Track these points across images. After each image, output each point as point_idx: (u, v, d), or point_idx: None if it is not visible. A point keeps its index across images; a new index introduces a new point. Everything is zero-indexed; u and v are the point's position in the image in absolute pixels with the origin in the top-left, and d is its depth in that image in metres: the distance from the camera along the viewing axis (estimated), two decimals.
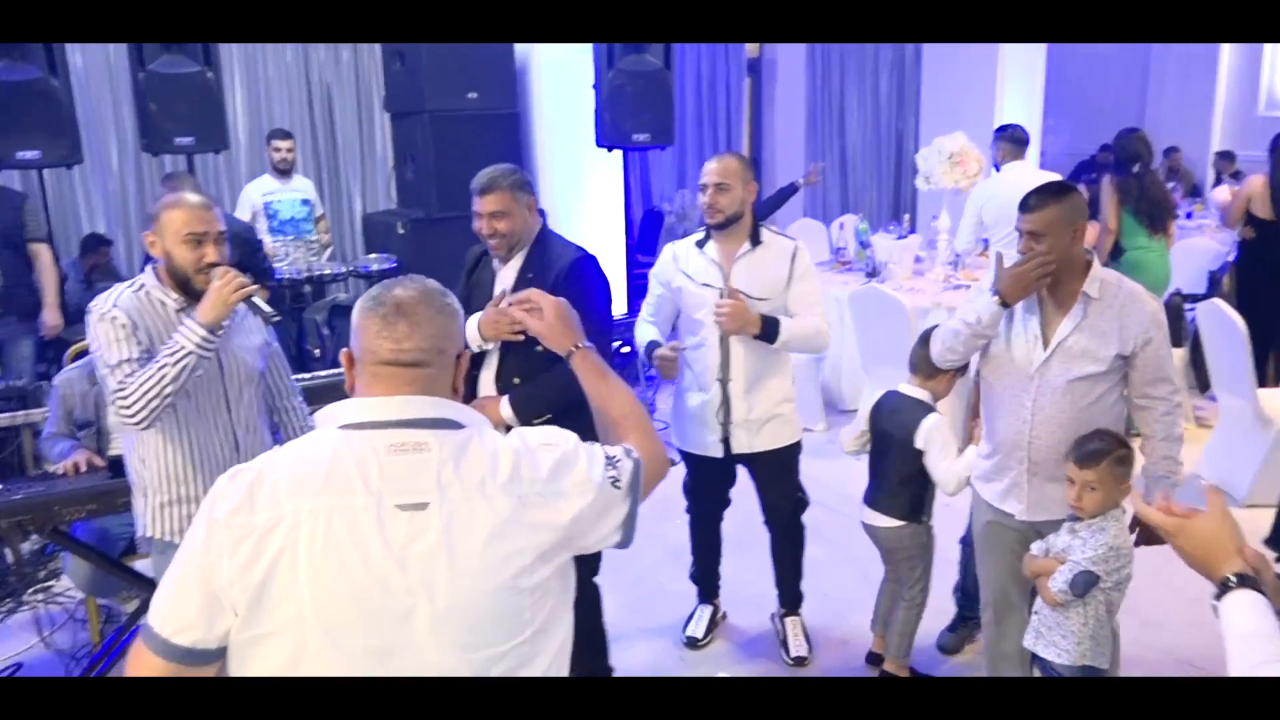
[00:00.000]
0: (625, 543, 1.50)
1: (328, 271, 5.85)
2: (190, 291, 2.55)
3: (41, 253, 4.99)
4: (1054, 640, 2.54)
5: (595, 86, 5.98)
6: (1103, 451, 2.47)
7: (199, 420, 2.58)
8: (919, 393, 3.28)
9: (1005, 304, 2.61)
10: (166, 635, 1.30)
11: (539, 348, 2.13)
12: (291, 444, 1.40)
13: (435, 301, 1.44)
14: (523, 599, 1.36)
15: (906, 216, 7.86)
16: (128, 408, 2.37)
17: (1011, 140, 5.64)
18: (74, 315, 5.33)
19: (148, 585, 3.21)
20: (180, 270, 2.52)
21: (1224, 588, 1.35)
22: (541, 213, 3.20)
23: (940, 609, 3.53)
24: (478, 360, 2.96)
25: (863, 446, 3.45)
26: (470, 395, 2.93)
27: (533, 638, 1.37)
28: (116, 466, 3.02)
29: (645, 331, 3.38)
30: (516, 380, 2.88)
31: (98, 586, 3.45)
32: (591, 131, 5.94)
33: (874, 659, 3.49)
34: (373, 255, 6.10)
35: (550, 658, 1.41)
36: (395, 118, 6.33)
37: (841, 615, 3.77)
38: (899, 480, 3.28)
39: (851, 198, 10.59)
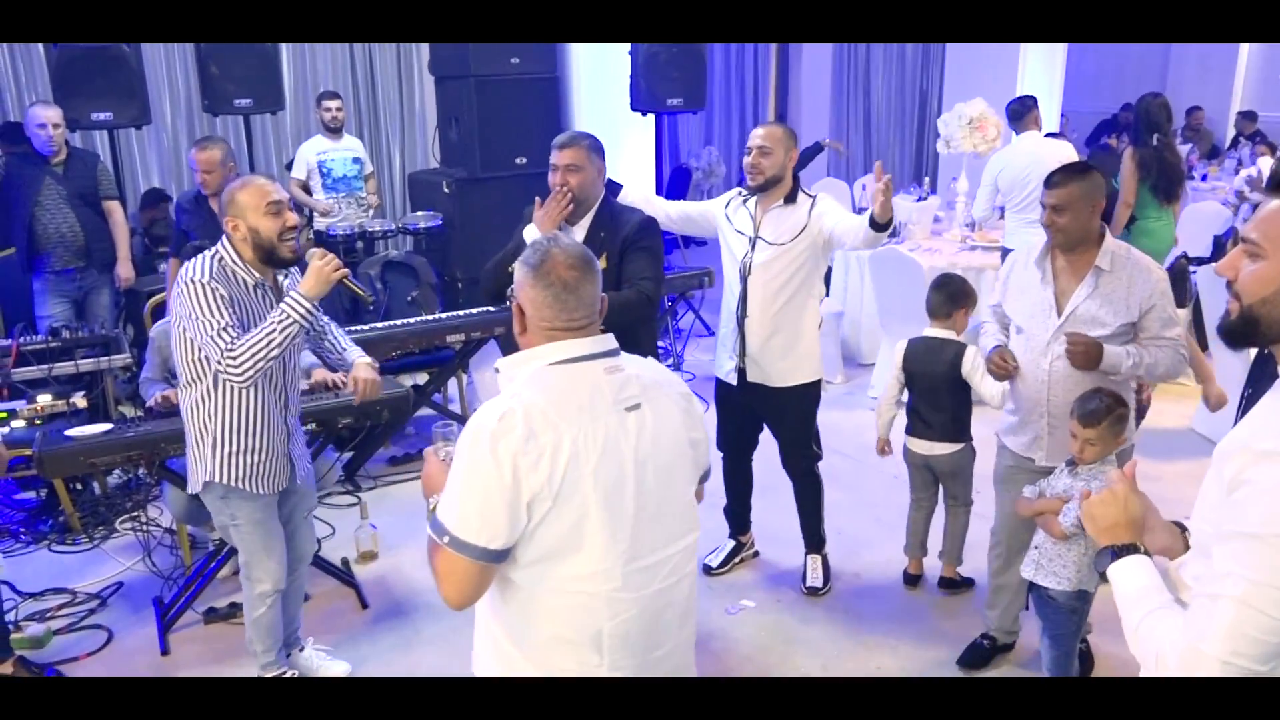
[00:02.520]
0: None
1: (378, 228, 6.18)
2: (274, 260, 2.84)
3: (115, 210, 5.36)
4: (1054, 570, 2.87)
5: (631, 53, 6.25)
6: (1102, 411, 2.78)
7: (264, 383, 2.88)
8: (945, 333, 3.69)
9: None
10: (484, 544, 1.67)
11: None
12: (520, 382, 1.76)
13: (589, 272, 1.81)
14: (693, 467, 1.89)
15: (927, 179, 8.09)
16: (236, 367, 2.67)
17: (1025, 109, 5.86)
18: (140, 266, 5.71)
19: None
20: (267, 240, 2.79)
21: (1112, 554, 1.56)
22: (611, 185, 3.52)
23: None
24: None
25: (901, 392, 3.80)
26: None
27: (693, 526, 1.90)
28: None
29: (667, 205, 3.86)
30: None
31: (193, 516, 3.85)
32: (627, 96, 6.22)
33: (911, 580, 3.89)
34: (419, 213, 6.42)
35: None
36: (439, 81, 6.61)
37: (855, 552, 4.13)
38: (952, 410, 3.68)
39: (874, 156, 10.79)
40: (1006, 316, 3.16)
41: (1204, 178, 8.94)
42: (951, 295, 3.70)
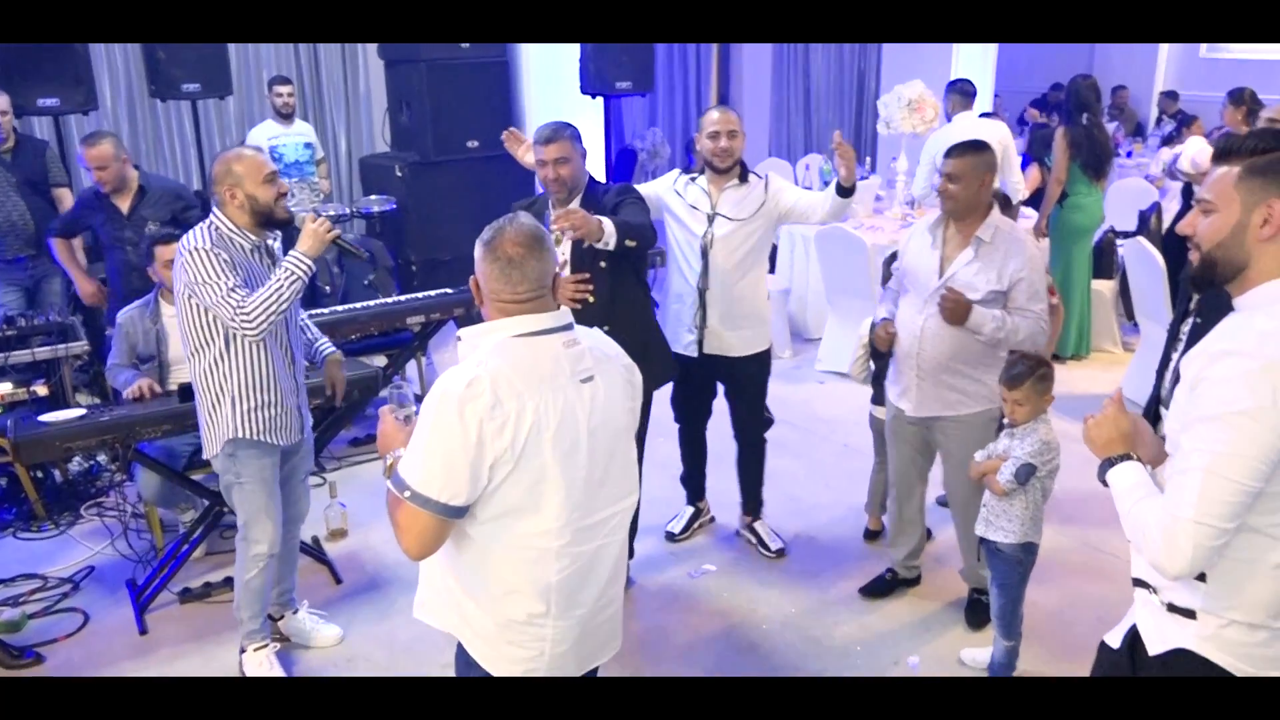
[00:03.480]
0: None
1: (332, 213, 6.18)
2: (271, 222, 3.03)
3: (65, 197, 5.31)
4: (1001, 525, 3.06)
5: None
6: (1025, 373, 2.98)
7: (274, 340, 3.07)
8: None
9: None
10: (445, 500, 1.80)
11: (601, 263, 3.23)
12: (485, 351, 1.89)
13: (536, 250, 1.91)
14: (632, 434, 2.05)
15: (868, 159, 8.32)
16: (250, 321, 2.86)
17: (961, 93, 6.12)
18: (88, 254, 5.66)
19: (209, 495, 3.70)
20: (264, 205, 2.98)
21: (1109, 464, 1.80)
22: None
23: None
24: None
25: (866, 365, 4.03)
26: None
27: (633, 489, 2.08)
28: (185, 393, 3.48)
29: None
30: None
31: (165, 498, 3.92)
32: (576, 79, 6.31)
33: (871, 535, 4.14)
34: (373, 197, 6.44)
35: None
36: (389, 65, 6.63)
37: (808, 517, 4.33)
38: None
39: (815, 136, 11.01)
40: (900, 281, 3.45)
41: (1129, 154, 9.30)
42: None
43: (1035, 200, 6.37)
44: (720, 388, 4.00)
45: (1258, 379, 1.51)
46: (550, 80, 6.63)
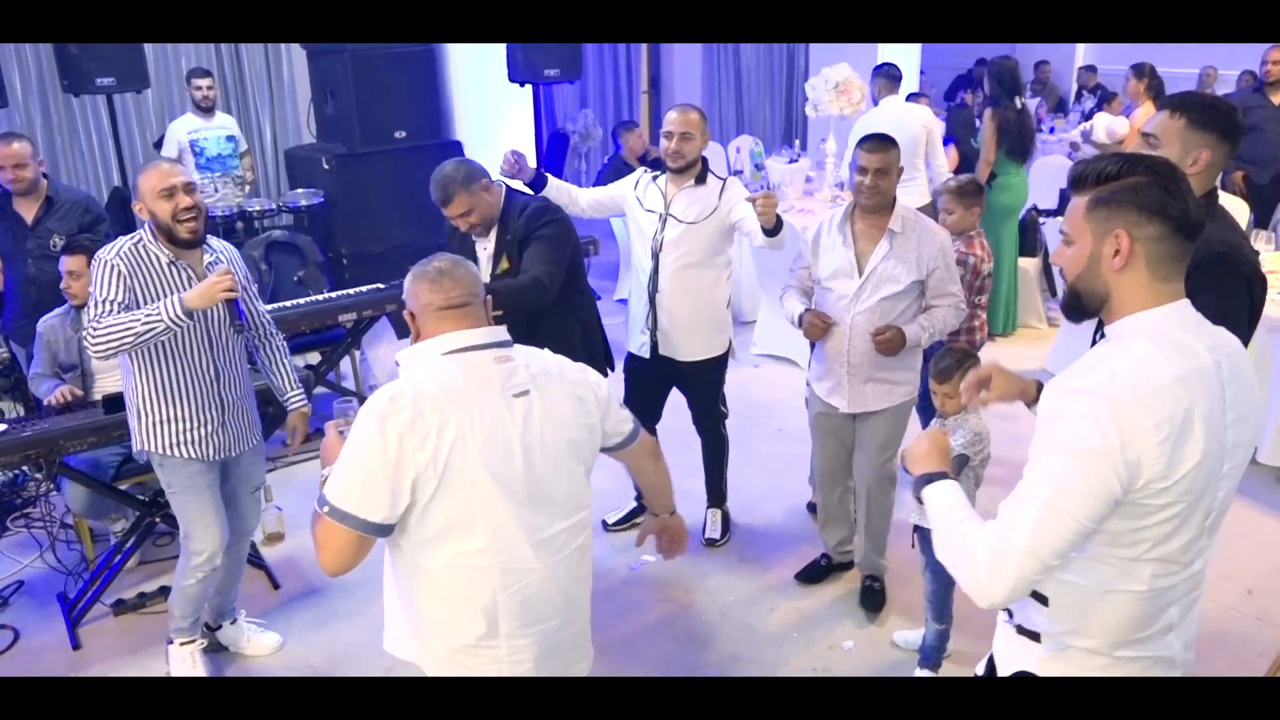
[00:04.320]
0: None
1: (258, 208, 6.10)
2: (175, 240, 2.93)
3: None
4: None
5: None
6: (953, 367, 3.04)
7: (184, 357, 2.99)
8: None
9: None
10: (363, 516, 1.81)
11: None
12: (415, 369, 1.92)
13: (461, 265, 2.03)
14: (585, 451, 2.06)
15: (797, 141, 8.38)
16: (92, 338, 2.79)
17: (888, 77, 6.19)
18: None
19: (138, 505, 3.65)
20: (164, 223, 2.91)
21: (925, 480, 1.76)
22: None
23: None
24: None
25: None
26: None
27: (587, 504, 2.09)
28: (110, 404, 3.42)
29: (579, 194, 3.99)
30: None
31: (93, 510, 3.85)
32: (504, 67, 6.26)
33: (815, 509, 4.15)
34: (300, 190, 6.33)
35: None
36: (312, 55, 6.50)
37: (745, 504, 4.39)
38: None
39: (746, 118, 11.05)
40: (815, 280, 3.46)
41: (1051, 130, 9.49)
42: None
43: None
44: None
45: (1106, 420, 1.47)
46: (478, 69, 6.57)
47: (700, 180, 3.70)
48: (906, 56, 8.30)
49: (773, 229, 3.46)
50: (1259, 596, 3.64)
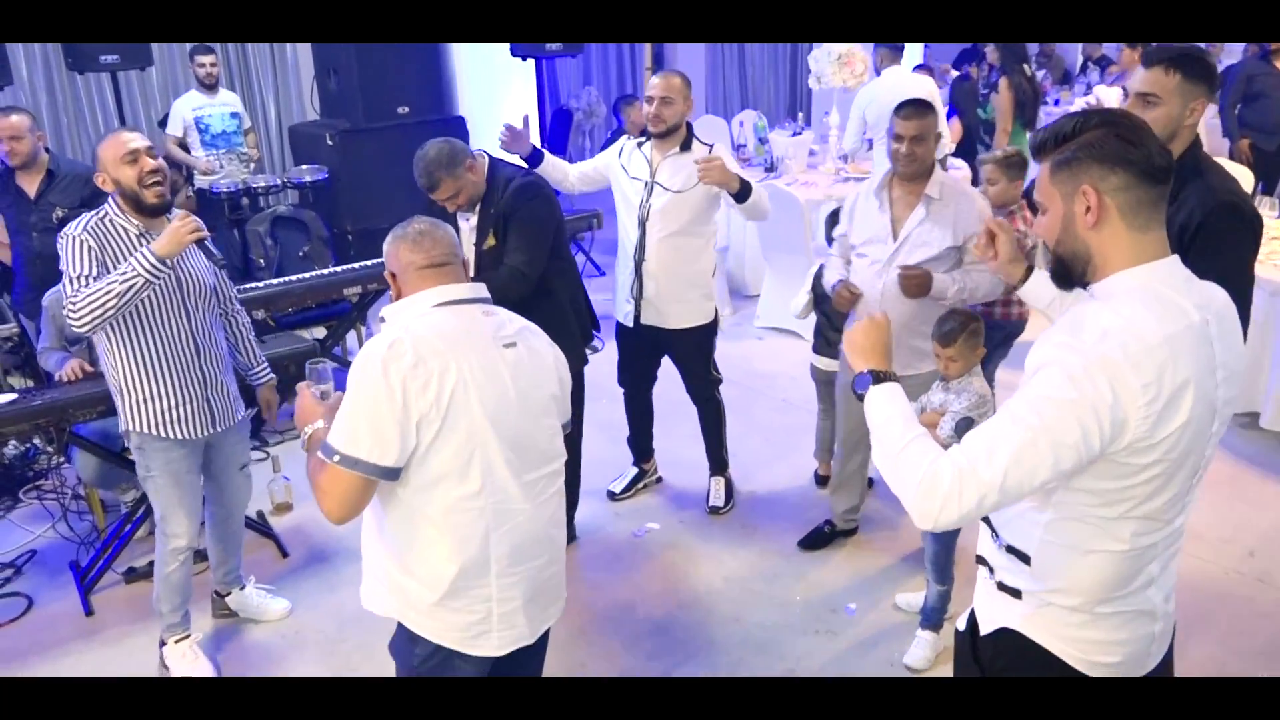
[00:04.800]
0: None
1: (263, 184, 6.11)
2: (144, 209, 2.90)
3: None
4: None
5: None
6: (956, 330, 3.05)
7: (163, 329, 2.96)
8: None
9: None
10: (375, 460, 1.85)
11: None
12: (411, 320, 1.96)
13: (440, 227, 2.09)
14: (559, 408, 2.13)
15: (801, 114, 8.36)
16: (74, 313, 2.76)
17: (889, 47, 6.17)
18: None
19: None
20: (129, 189, 2.88)
21: (870, 378, 1.72)
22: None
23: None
24: None
25: (809, 308, 4.08)
26: None
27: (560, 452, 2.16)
28: None
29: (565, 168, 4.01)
30: None
31: (104, 479, 3.89)
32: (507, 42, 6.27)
33: (821, 480, 4.25)
34: (304, 166, 6.35)
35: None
36: None
37: (749, 473, 4.42)
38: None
39: (750, 92, 11.02)
40: (850, 247, 3.44)
41: (1056, 103, 9.44)
42: None
43: (960, 152, 6.48)
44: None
45: (1097, 375, 1.46)
46: (480, 44, 6.57)
47: (685, 147, 3.70)
48: None
49: (737, 194, 3.48)
50: (1260, 558, 3.67)
